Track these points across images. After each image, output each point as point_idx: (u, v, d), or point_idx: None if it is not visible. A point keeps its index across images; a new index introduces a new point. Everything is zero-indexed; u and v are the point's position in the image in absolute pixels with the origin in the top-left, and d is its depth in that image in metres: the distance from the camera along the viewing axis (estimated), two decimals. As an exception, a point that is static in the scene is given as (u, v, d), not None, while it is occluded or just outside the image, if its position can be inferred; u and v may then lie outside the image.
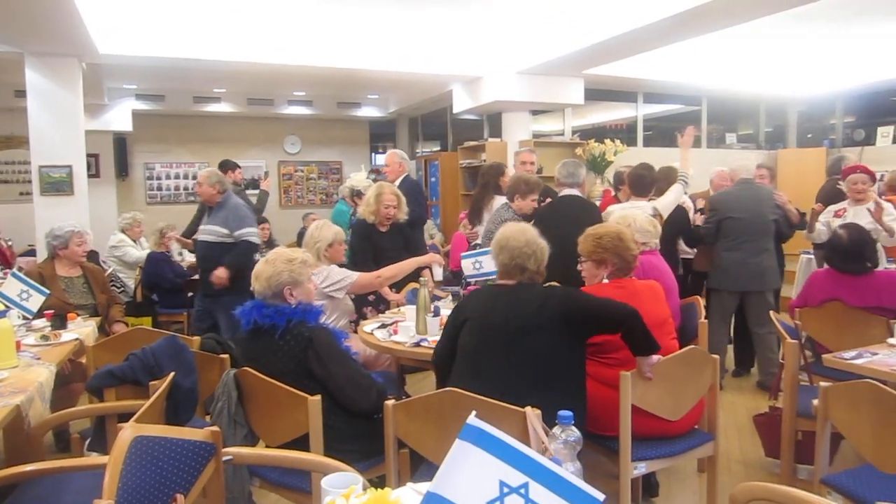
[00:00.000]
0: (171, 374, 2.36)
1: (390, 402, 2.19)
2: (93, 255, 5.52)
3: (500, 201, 4.79)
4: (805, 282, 3.81)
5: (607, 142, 7.89)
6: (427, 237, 7.06)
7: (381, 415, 2.23)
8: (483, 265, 3.72)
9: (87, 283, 4.26)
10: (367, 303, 4.23)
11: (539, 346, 2.29)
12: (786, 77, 8.62)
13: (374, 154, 11.83)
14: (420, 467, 2.30)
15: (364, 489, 1.17)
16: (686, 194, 4.84)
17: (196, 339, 3.03)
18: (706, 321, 3.44)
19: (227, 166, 6.67)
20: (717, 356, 2.67)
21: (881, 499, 2.03)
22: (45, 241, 4.33)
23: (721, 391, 4.13)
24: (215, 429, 1.79)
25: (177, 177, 10.37)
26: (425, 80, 7.67)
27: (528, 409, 1.89)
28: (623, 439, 2.41)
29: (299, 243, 5.72)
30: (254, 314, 2.46)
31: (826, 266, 3.67)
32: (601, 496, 0.99)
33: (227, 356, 2.87)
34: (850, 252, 3.46)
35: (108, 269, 5.72)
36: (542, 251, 2.51)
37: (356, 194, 6.07)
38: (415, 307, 3.23)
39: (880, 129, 8.63)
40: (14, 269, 4.30)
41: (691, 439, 2.65)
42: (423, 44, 6.89)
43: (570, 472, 1.05)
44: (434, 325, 3.13)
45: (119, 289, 5.82)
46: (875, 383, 2.12)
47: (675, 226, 4.71)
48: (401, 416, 2.18)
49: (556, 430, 1.45)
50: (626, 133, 9.19)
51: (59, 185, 5.80)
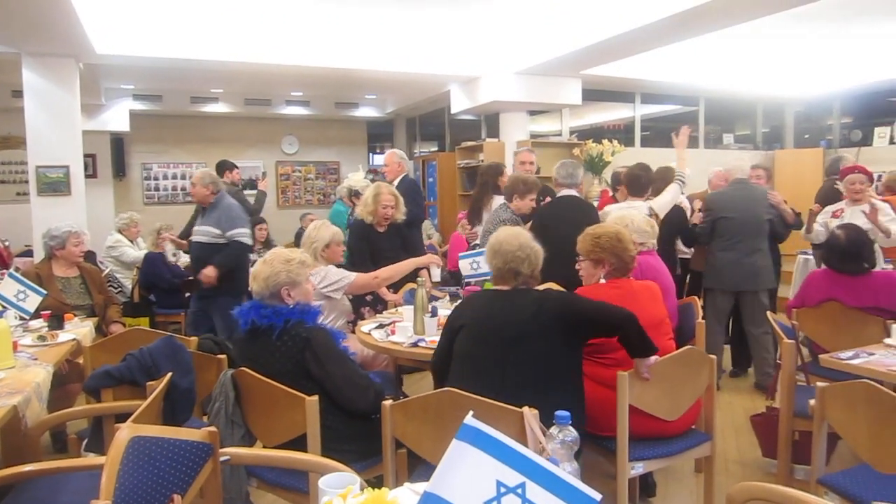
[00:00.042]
0: (169, 374, 2.36)
1: (388, 403, 2.19)
2: (90, 256, 5.51)
3: (499, 201, 4.79)
4: (802, 282, 3.81)
5: (605, 142, 7.89)
6: (425, 237, 7.05)
7: (379, 415, 2.23)
8: (481, 265, 3.72)
9: (85, 284, 4.25)
10: (365, 303, 4.22)
11: (536, 350, 2.29)
12: (783, 77, 8.64)
13: (371, 154, 11.82)
14: (417, 467, 2.29)
15: (361, 489, 1.17)
16: (683, 194, 4.85)
17: (193, 339, 3.03)
18: (703, 321, 3.44)
19: (225, 167, 6.68)
20: (713, 356, 2.68)
21: (878, 499, 2.04)
22: (42, 242, 4.31)
23: (718, 391, 4.12)
24: (213, 429, 1.80)
25: (174, 177, 10.35)
26: (423, 80, 7.67)
27: (526, 409, 1.90)
28: (620, 439, 2.41)
29: (297, 244, 5.72)
30: (252, 314, 2.46)
31: (823, 266, 3.68)
32: (598, 496, 0.99)
33: (224, 356, 2.86)
34: (847, 252, 3.46)
35: (105, 270, 5.70)
36: (536, 255, 2.49)
37: (354, 194, 6.07)
38: (412, 307, 3.24)
39: (877, 130, 8.65)
40: (11, 270, 4.29)
41: (688, 439, 2.66)
42: (420, 44, 6.89)
43: (567, 472, 1.05)
44: (431, 326, 3.13)
45: (116, 289, 5.81)
46: (872, 383, 2.12)
47: (673, 226, 4.73)
48: (398, 417, 2.18)
49: (554, 430, 1.45)
50: (623, 133, 9.19)
51: (56, 186, 5.79)
